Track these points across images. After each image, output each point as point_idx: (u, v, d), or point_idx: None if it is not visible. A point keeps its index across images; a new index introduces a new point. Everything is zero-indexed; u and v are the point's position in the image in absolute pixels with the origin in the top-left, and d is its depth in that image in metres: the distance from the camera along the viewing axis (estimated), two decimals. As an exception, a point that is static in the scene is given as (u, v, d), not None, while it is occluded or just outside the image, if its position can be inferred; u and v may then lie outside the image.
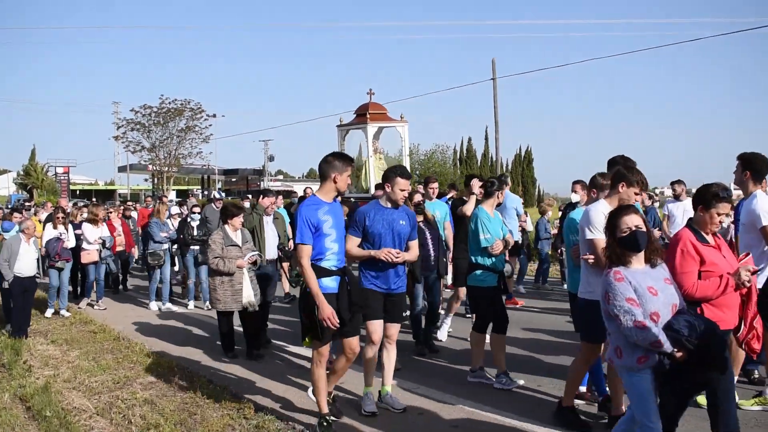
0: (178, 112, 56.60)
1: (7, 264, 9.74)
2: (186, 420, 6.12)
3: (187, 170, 65.53)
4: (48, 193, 67.11)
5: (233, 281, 8.23)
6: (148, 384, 7.33)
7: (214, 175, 65.67)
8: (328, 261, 5.42)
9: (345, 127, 16.64)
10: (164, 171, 58.34)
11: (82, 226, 12.38)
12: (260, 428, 5.78)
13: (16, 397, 7.05)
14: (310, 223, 5.31)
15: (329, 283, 5.41)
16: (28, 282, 10.00)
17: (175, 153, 57.93)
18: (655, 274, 4.23)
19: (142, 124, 56.76)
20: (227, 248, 8.27)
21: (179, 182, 70.33)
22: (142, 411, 6.37)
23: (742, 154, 6.02)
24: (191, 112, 57.10)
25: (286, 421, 5.96)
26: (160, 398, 6.78)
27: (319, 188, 5.66)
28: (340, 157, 5.74)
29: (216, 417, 6.14)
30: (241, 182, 66.65)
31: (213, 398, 6.64)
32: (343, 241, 5.61)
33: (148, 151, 57.86)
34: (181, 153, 58.23)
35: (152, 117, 56.56)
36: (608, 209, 5.10)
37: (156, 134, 57.28)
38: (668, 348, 3.90)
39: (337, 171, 5.51)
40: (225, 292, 8.22)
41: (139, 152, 58.58)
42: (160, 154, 57.71)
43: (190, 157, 59.12)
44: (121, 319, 11.29)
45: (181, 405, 6.55)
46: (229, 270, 8.16)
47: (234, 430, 5.80)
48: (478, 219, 6.95)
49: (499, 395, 6.59)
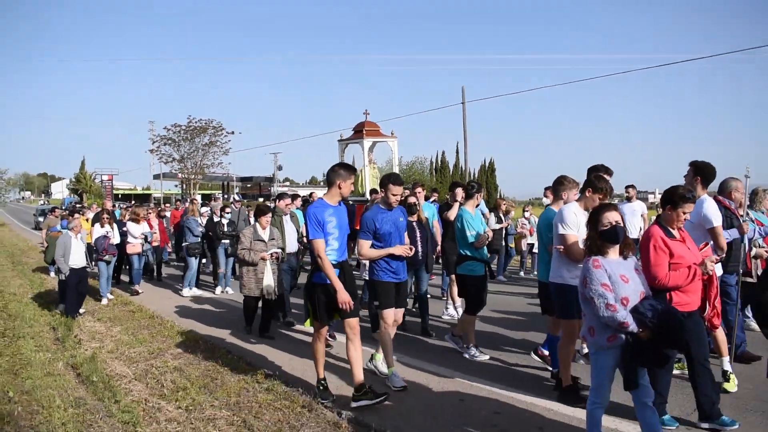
0: (202, 130, 56.77)
1: (63, 259, 9.68)
2: (209, 384, 6.10)
3: (210, 178, 65.43)
4: (95, 196, 66.82)
5: (257, 271, 8.16)
6: (177, 354, 7.30)
7: (232, 182, 65.57)
8: (330, 256, 5.26)
9: (344, 142, 16.82)
10: (191, 178, 58.42)
11: (127, 224, 12.45)
12: (270, 390, 5.77)
13: (68, 365, 7.01)
14: (317, 220, 5.19)
15: None
16: (81, 272, 9.92)
17: (200, 163, 58.04)
18: (627, 264, 4.15)
19: (173, 140, 56.90)
20: (254, 242, 8.22)
21: (204, 187, 69.96)
22: (172, 377, 6.36)
23: (694, 162, 5.94)
24: (214, 130, 57.33)
25: (291, 384, 5.95)
26: (187, 366, 6.76)
27: (326, 193, 5.49)
28: (345, 167, 5.59)
29: (233, 381, 6.12)
30: (254, 188, 66.37)
31: (231, 366, 6.62)
32: (344, 239, 5.44)
33: (178, 162, 57.99)
34: (205, 163, 58.38)
35: (181, 134, 56.72)
36: (579, 210, 5.30)
37: (184, 148, 57.44)
38: (633, 328, 3.86)
39: (342, 179, 5.38)
40: (250, 279, 8.18)
41: (170, 163, 58.78)
42: (188, 164, 57.79)
43: (212, 167, 59.30)
44: (157, 302, 11.19)
45: (204, 372, 6.53)
46: (252, 261, 8.12)
47: (248, 392, 5.78)
48: (462, 218, 6.92)
49: (492, 368, 6.47)
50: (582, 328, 4.32)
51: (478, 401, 5.47)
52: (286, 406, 5.35)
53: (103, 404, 5.60)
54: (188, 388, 5.92)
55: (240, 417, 5.18)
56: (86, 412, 5.42)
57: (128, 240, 12.22)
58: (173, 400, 5.66)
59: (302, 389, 5.76)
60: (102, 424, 5.16)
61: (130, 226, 12.30)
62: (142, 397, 5.80)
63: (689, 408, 5.05)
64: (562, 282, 5.36)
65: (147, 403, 5.63)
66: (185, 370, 6.58)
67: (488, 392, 5.68)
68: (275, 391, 5.74)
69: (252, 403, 5.49)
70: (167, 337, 8.17)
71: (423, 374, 6.27)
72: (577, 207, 5.36)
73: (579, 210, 5.33)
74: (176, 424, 5.13)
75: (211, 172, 60.68)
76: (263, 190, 62.94)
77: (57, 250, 9.90)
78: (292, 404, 5.37)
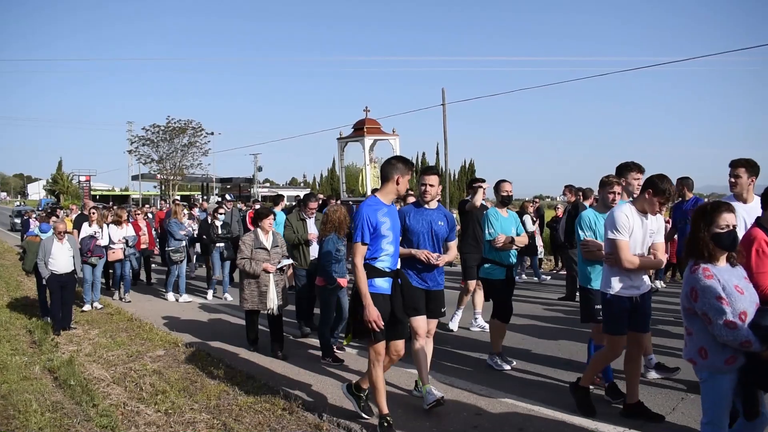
0: (181, 130, 56.42)
1: (43, 262, 9.03)
2: (188, 387, 6.05)
3: (190, 179, 64.87)
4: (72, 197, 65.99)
5: (260, 283, 7.19)
6: (156, 357, 7.23)
7: (211, 183, 65.09)
8: (382, 262, 4.66)
9: (344, 140, 15.79)
10: (170, 179, 57.97)
11: (109, 227, 11.50)
12: (250, 393, 5.73)
13: (45, 368, 6.91)
14: (369, 223, 4.56)
15: (382, 283, 4.66)
16: (65, 278, 9.14)
17: (179, 164, 57.65)
18: (737, 273, 3.56)
19: (152, 141, 56.48)
20: (256, 251, 7.20)
21: (183, 188, 69.39)
22: (151, 380, 6.29)
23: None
24: (193, 130, 57.02)
25: (272, 387, 5.91)
26: (166, 369, 6.70)
27: (380, 189, 4.80)
28: (403, 161, 4.82)
29: (213, 384, 6.07)
30: (234, 189, 65.96)
31: (211, 369, 6.57)
32: (398, 243, 4.82)
33: (157, 162, 57.57)
34: (185, 164, 58.03)
35: (160, 134, 56.31)
36: (632, 212, 4.72)
37: (163, 149, 57.04)
38: (757, 347, 3.26)
39: (401, 173, 4.72)
40: (252, 292, 7.22)
41: (149, 164, 58.36)
42: (167, 165, 57.35)
43: (191, 168, 58.97)
44: (139, 306, 10.95)
45: (184, 375, 6.47)
46: (254, 272, 7.12)
47: (228, 395, 5.75)
48: (486, 217, 6.56)
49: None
50: (687, 349, 3.66)
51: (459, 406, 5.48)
52: (267, 408, 5.32)
53: (80, 408, 5.53)
54: (168, 392, 5.86)
55: (220, 420, 5.14)
56: (64, 417, 5.35)
57: (109, 246, 11.31)
58: (152, 404, 5.60)
59: (283, 392, 5.74)
60: (80, 429, 5.10)
61: (110, 230, 11.40)
62: (120, 400, 5.74)
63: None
64: (612, 293, 4.77)
65: (126, 406, 5.57)
66: (164, 374, 6.52)
67: (468, 396, 5.68)
68: (256, 394, 5.70)
69: (232, 406, 5.46)
70: (146, 340, 8.08)
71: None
72: (629, 209, 4.77)
73: (632, 212, 4.76)
74: (155, 428, 5.08)
75: (191, 173, 60.29)
76: (243, 192, 62.68)
77: (38, 253, 9.18)
78: (272, 407, 5.34)
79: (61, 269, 9.11)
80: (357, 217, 4.60)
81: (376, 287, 4.61)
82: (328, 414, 5.17)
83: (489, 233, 6.45)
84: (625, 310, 4.72)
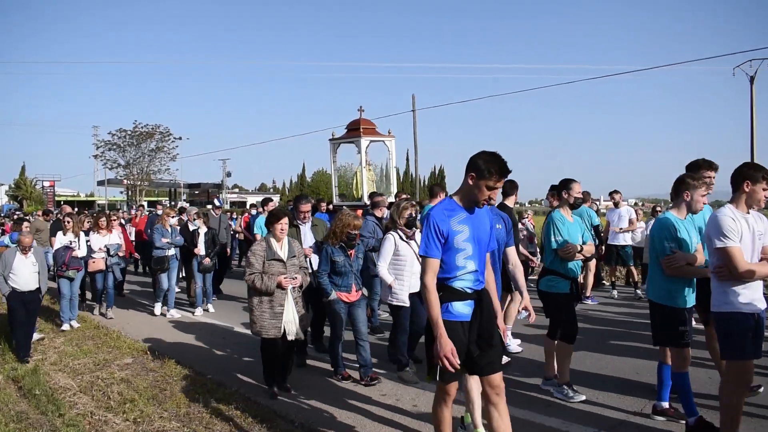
0: (149, 135, 55.90)
1: (2, 277, 7.89)
2: (157, 395, 5.95)
3: (157, 184, 64.15)
4: (36, 203, 64.53)
5: (273, 303, 5.81)
6: (124, 365, 7.10)
7: (179, 188, 64.45)
8: (462, 281, 3.75)
9: (337, 141, 14.61)
10: (137, 185, 57.31)
11: (88, 234, 10.31)
12: (221, 400, 5.66)
13: (9, 378, 6.74)
14: (439, 232, 3.68)
15: (462, 308, 3.74)
16: (28, 296, 7.95)
17: (146, 169, 57.07)
18: None
19: (118, 145, 55.77)
20: (269, 263, 5.86)
21: (150, 194, 68.51)
22: (119, 388, 6.17)
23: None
24: (161, 135, 56.54)
25: (244, 393, 5.87)
26: (134, 377, 6.58)
27: (457, 191, 3.86)
28: (494, 157, 3.74)
29: (183, 392, 5.98)
30: (203, 194, 65.37)
31: (181, 376, 6.48)
32: (482, 258, 3.85)
33: (123, 167, 56.91)
34: (152, 169, 57.46)
35: (127, 139, 55.67)
36: (736, 213, 4.14)
37: (130, 154, 56.44)
38: None
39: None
40: (263, 314, 5.81)
41: (115, 169, 57.67)
42: (134, 170, 56.71)
43: (159, 173, 58.45)
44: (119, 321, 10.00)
45: (153, 383, 6.37)
46: (267, 288, 5.74)
47: (199, 403, 5.65)
48: (550, 221, 5.65)
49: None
50: None
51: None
52: (238, 416, 5.26)
53: (46, 418, 5.41)
54: (136, 400, 5.76)
55: (190, 428, 5.08)
56: (29, 427, 5.23)
57: (90, 255, 10.14)
58: (121, 413, 5.50)
59: (255, 398, 5.69)
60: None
61: (91, 238, 10.23)
62: (87, 410, 5.62)
63: None
64: (733, 310, 4.04)
65: (93, 416, 5.46)
66: (133, 382, 6.41)
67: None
68: (227, 401, 5.63)
69: (203, 413, 5.39)
70: (113, 347, 7.93)
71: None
72: (732, 210, 4.16)
73: (736, 213, 4.14)
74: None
75: (158, 178, 59.65)
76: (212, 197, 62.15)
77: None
78: (243, 414, 5.28)
79: (24, 286, 7.93)
80: (423, 225, 3.81)
81: (453, 313, 3.72)
82: (301, 419, 5.15)
83: (555, 241, 5.55)
84: (750, 329, 4.05)
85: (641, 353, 6.80)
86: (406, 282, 6.30)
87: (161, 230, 10.37)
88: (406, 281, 6.31)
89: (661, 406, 4.94)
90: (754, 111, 31.46)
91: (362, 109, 14.22)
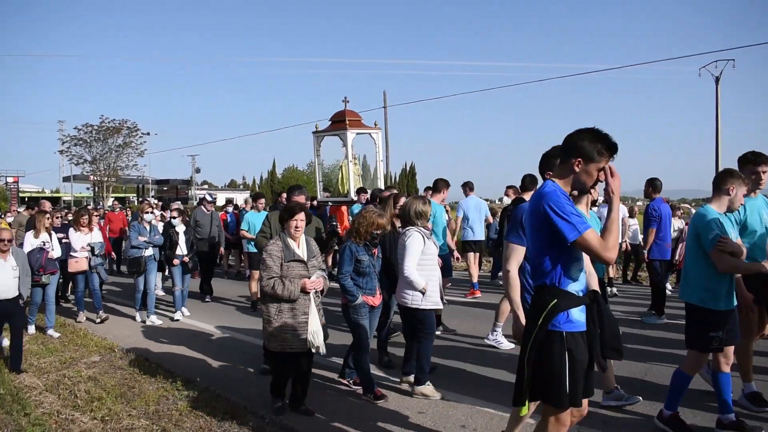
0: (116, 130, 55.05)
1: None
2: (126, 393, 5.87)
3: (125, 180, 63.24)
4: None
5: (295, 311, 5.05)
6: (91, 363, 6.98)
7: (148, 185, 63.54)
8: (577, 283, 3.18)
9: (321, 134, 13.59)
10: (104, 181, 56.39)
11: (69, 232, 9.47)
12: (190, 398, 5.61)
13: (-29, 378, 6.60)
14: (576, 212, 3.09)
15: (578, 315, 3.15)
16: (7, 306, 6.81)
17: (113, 165, 56.20)
18: None
19: (84, 141, 54.79)
20: (288, 264, 5.11)
21: (117, 190, 67.45)
22: (86, 387, 6.07)
23: None
24: (128, 130, 55.66)
25: (213, 390, 5.81)
26: (102, 375, 6.48)
27: (559, 175, 3.24)
28: (599, 134, 3.15)
29: (152, 390, 5.92)
30: (171, 191, 64.55)
31: (150, 374, 6.40)
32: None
33: (90, 163, 55.91)
34: (119, 165, 56.58)
35: (93, 134, 54.65)
36: None
37: (96, 149, 55.49)
38: None
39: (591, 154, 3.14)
40: (284, 325, 5.02)
41: (81, 164, 56.54)
42: (101, 166, 55.81)
43: (127, 169, 57.56)
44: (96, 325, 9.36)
45: (121, 380, 6.28)
46: (290, 295, 4.99)
47: (168, 400, 5.61)
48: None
49: None
50: None
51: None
52: (208, 413, 5.22)
53: (11, 418, 5.29)
54: (104, 398, 5.68)
55: (159, 426, 5.02)
56: (-8, 427, 5.13)
57: (70, 253, 9.33)
58: (88, 411, 5.41)
59: (225, 395, 5.65)
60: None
61: (72, 236, 9.36)
62: (54, 408, 5.52)
63: None
64: None
65: (60, 415, 5.36)
66: (100, 380, 6.31)
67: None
68: (196, 399, 5.58)
69: (172, 411, 5.33)
70: (80, 345, 7.80)
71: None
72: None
73: None
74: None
75: (126, 174, 58.82)
76: (180, 194, 61.47)
77: None
78: (214, 411, 5.24)
79: (2, 294, 6.80)
80: (550, 202, 3.07)
81: (573, 321, 3.13)
82: (272, 416, 5.13)
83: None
84: None
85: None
86: (437, 282, 5.73)
87: (138, 227, 9.46)
88: (436, 281, 5.72)
89: (728, 419, 4.53)
90: (719, 110, 32.25)
91: (347, 100, 13.23)
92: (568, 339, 3.08)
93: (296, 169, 76.79)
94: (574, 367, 3.07)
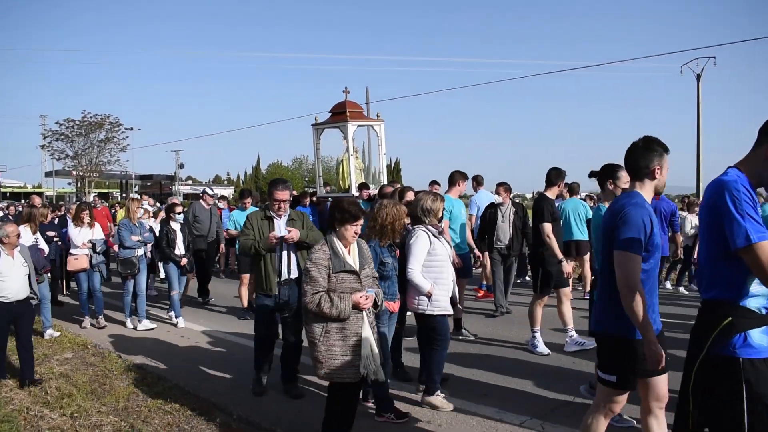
0: (98, 125, 54.45)
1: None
2: (96, 389, 5.91)
3: (108, 175, 62.59)
4: (-21, 194, 62.46)
5: (346, 332, 4.08)
6: (63, 360, 7.00)
7: (131, 180, 63.04)
8: (758, 298, 2.62)
9: (321, 126, 12.93)
10: (86, 176, 55.82)
11: (69, 227, 9.04)
12: (160, 394, 5.66)
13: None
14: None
15: (759, 338, 2.57)
16: (18, 307, 6.24)
17: (96, 161, 55.60)
18: None
19: (67, 135, 54.22)
20: (337, 276, 4.12)
21: (100, 186, 66.90)
22: (57, 383, 6.10)
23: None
24: (110, 125, 55.08)
25: (182, 387, 5.87)
26: (74, 372, 6.51)
27: (744, 163, 2.73)
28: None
29: (122, 386, 5.97)
30: (155, 186, 64.04)
31: (120, 371, 6.45)
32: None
33: (72, 158, 55.31)
34: (102, 161, 56.00)
35: (75, 129, 54.14)
36: None
37: (79, 144, 54.86)
38: None
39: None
40: (331, 349, 4.06)
41: (63, 159, 55.97)
42: (83, 161, 55.19)
43: (109, 164, 56.96)
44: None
45: (92, 377, 6.31)
46: (340, 314, 4.01)
47: (138, 397, 5.66)
48: None
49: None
50: None
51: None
52: (177, 409, 5.28)
53: (-21, 414, 5.33)
54: (74, 395, 5.71)
55: (128, 422, 5.07)
56: (-40, 424, 5.15)
57: (70, 251, 8.86)
58: (58, 408, 5.45)
59: (194, 391, 5.71)
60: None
61: (71, 233, 8.86)
62: (24, 405, 5.54)
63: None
64: None
65: (29, 411, 5.39)
66: (72, 377, 6.34)
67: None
68: (165, 395, 5.63)
69: (141, 407, 5.39)
70: (53, 342, 7.81)
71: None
72: None
73: None
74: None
75: (108, 169, 58.27)
76: (164, 189, 61.05)
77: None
78: (182, 407, 5.30)
79: (14, 295, 6.19)
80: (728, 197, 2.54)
81: (755, 347, 2.57)
82: (239, 411, 5.20)
83: None
84: None
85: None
86: (447, 286, 5.23)
87: (129, 226, 8.81)
88: (446, 285, 5.22)
89: None
90: (700, 107, 32.65)
91: (348, 90, 12.48)
92: (746, 367, 2.50)
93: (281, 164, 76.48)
94: (754, 404, 2.46)
